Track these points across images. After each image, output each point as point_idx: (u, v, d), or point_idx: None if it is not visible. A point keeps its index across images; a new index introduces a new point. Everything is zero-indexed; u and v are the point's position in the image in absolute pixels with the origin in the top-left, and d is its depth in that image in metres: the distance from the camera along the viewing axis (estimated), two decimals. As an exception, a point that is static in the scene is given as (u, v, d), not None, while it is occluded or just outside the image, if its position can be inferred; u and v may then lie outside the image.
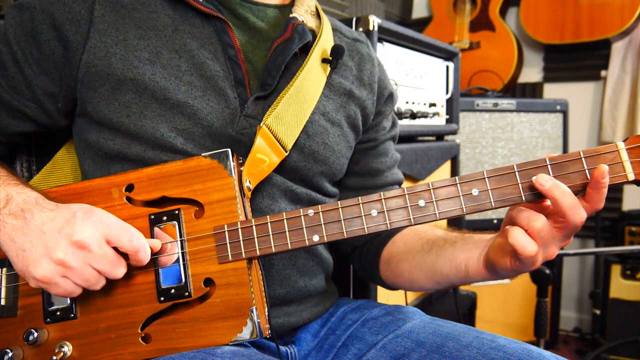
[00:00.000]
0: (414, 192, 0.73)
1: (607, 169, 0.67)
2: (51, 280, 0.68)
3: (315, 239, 0.74)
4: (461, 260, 0.83)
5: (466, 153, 2.34)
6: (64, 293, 0.70)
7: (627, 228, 2.43)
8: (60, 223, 0.69)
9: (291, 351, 0.91)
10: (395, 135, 1.10)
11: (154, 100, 0.80)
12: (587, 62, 2.81)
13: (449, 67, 1.91)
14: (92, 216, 0.70)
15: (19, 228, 0.70)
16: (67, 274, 0.68)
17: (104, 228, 0.69)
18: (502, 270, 0.76)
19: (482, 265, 0.80)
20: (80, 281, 0.69)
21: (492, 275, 0.80)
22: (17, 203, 0.72)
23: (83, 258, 0.68)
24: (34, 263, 0.68)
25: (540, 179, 0.68)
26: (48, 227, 0.69)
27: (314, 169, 0.90)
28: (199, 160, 0.76)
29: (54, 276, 0.68)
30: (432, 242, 0.90)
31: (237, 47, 0.86)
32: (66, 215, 0.70)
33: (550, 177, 0.68)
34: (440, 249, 0.88)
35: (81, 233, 0.68)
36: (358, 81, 0.99)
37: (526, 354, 0.75)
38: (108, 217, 0.71)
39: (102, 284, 0.71)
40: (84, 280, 0.69)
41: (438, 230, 0.94)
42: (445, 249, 0.87)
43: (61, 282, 0.69)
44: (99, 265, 0.69)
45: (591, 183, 0.68)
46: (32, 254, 0.68)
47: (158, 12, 0.84)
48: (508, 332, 2.42)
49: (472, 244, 0.83)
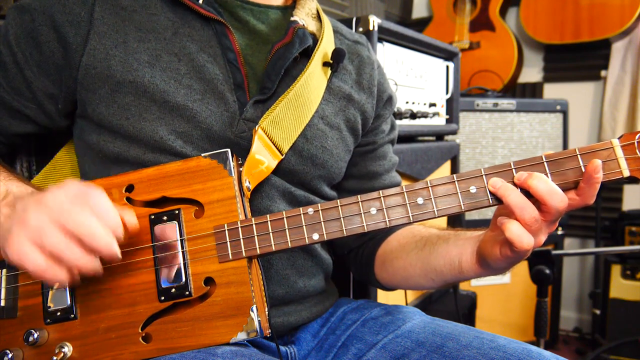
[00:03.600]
0: (412, 189, 0.73)
1: (600, 163, 0.68)
2: (22, 249, 0.63)
3: (315, 237, 0.74)
4: (454, 256, 0.83)
5: (466, 153, 2.34)
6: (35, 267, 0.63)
7: (627, 228, 2.43)
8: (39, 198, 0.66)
9: (291, 351, 0.92)
10: (394, 138, 1.10)
11: (153, 103, 0.80)
12: (587, 62, 2.81)
13: (449, 67, 1.91)
14: (65, 185, 0.67)
15: (8, 215, 0.69)
16: (37, 239, 0.63)
17: (69, 189, 0.66)
18: (494, 262, 0.77)
19: (475, 261, 0.81)
20: (51, 246, 0.63)
21: (485, 270, 0.81)
22: (13, 194, 0.73)
23: (47, 214, 0.63)
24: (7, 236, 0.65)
25: (492, 182, 0.71)
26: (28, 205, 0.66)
27: (312, 172, 0.90)
28: (198, 161, 0.77)
29: (25, 244, 0.63)
30: (426, 239, 0.91)
31: (236, 51, 0.86)
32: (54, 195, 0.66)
33: (500, 180, 0.71)
34: (433, 245, 0.88)
35: (45, 195, 0.65)
36: (357, 85, 0.99)
37: (526, 354, 0.75)
38: (78, 185, 0.67)
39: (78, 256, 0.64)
40: (52, 245, 0.63)
41: (432, 228, 0.95)
42: (439, 246, 0.87)
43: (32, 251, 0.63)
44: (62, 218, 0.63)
45: (584, 177, 0.69)
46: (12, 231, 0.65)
47: (158, 15, 0.84)
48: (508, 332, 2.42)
49: (464, 239, 0.84)
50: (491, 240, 0.76)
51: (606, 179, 0.69)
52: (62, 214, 0.64)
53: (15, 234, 0.64)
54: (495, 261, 0.76)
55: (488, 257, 0.77)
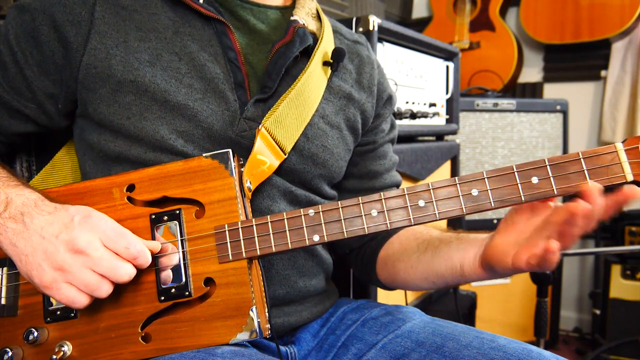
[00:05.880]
0: (414, 192, 0.73)
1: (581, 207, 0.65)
2: (53, 286, 0.68)
3: (315, 239, 0.74)
4: (456, 259, 0.83)
5: (466, 153, 2.34)
6: (68, 300, 0.69)
7: (627, 228, 2.43)
8: (58, 227, 0.69)
9: (291, 351, 0.92)
10: (393, 137, 1.10)
11: (154, 102, 0.80)
12: (587, 62, 2.81)
13: (449, 67, 1.91)
14: (89, 220, 0.70)
15: (19, 232, 0.70)
16: (68, 278, 0.68)
17: (100, 234, 0.69)
18: (502, 269, 0.76)
19: (478, 265, 0.80)
20: (82, 286, 0.68)
21: (489, 274, 0.80)
22: (16, 206, 0.72)
23: (82, 262, 0.68)
24: (37, 268, 0.68)
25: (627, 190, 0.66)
26: (47, 232, 0.69)
27: (312, 172, 0.90)
28: (199, 161, 0.77)
29: (56, 281, 0.68)
30: (428, 242, 0.91)
31: (237, 50, 0.86)
32: (64, 220, 0.70)
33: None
34: (435, 249, 0.88)
35: (78, 238, 0.68)
36: (357, 84, 0.99)
37: (526, 354, 0.75)
38: (105, 223, 0.71)
39: (106, 290, 0.69)
40: (85, 284, 0.68)
41: (434, 230, 0.94)
42: (441, 249, 0.87)
43: (64, 287, 0.68)
44: (98, 268, 0.68)
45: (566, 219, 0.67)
46: (34, 259, 0.69)
47: (159, 14, 0.84)
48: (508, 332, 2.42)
49: (467, 243, 0.83)
50: (501, 247, 0.75)
51: (609, 184, 0.68)
52: (98, 264, 0.69)
53: (47, 272, 0.68)
54: (505, 269, 0.75)
55: (497, 265, 0.76)
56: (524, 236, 0.74)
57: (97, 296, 0.69)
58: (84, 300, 0.69)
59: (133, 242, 0.71)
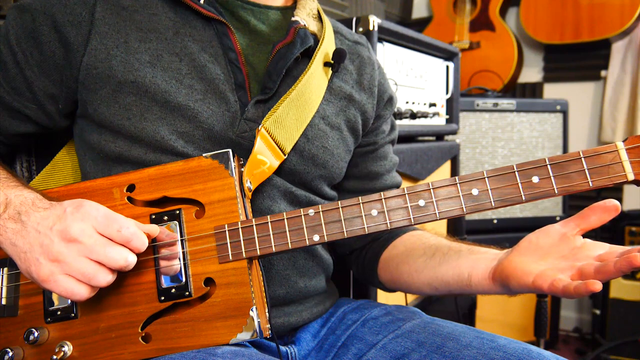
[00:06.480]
0: (414, 191, 0.73)
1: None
2: (50, 278, 0.67)
3: (315, 239, 0.74)
4: (465, 269, 0.83)
5: (466, 153, 2.33)
6: (68, 292, 0.68)
7: (627, 228, 2.43)
8: (52, 220, 0.69)
9: (291, 351, 0.92)
10: (394, 138, 1.10)
11: (154, 103, 0.80)
12: (587, 62, 2.81)
13: (449, 67, 1.91)
14: (80, 209, 0.69)
15: (18, 231, 0.70)
16: (65, 269, 0.67)
17: (92, 220, 0.69)
18: (519, 286, 0.75)
19: (489, 277, 0.80)
20: (79, 275, 0.67)
21: (499, 288, 0.79)
22: (14, 206, 0.72)
23: (77, 251, 0.67)
24: (35, 263, 0.68)
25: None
26: (42, 226, 0.69)
27: (313, 172, 0.90)
28: (200, 161, 0.77)
29: (53, 274, 0.67)
30: (436, 248, 0.90)
31: (237, 50, 0.86)
32: (57, 212, 0.70)
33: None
34: (444, 255, 0.88)
35: (71, 227, 0.67)
36: (358, 85, 0.99)
37: (526, 354, 0.75)
38: (96, 210, 0.70)
39: (104, 277, 0.68)
40: (81, 273, 0.67)
41: (441, 237, 0.95)
42: (450, 256, 0.87)
43: (62, 279, 0.68)
44: (93, 255, 0.67)
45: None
46: (32, 255, 0.68)
47: (159, 15, 0.84)
48: (508, 332, 2.42)
49: (478, 254, 0.83)
50: (521, 265, 0.75)
51: (610, 183, 0.68)
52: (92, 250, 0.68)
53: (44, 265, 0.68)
54: (521, 286, 0.75)
55: (513, 280, 0.75)
56: (545, 259, 0.74)
57: (96, 285, 0.68)
58: (84, 291, 0.68)
59: (125, 224, 0.69)
